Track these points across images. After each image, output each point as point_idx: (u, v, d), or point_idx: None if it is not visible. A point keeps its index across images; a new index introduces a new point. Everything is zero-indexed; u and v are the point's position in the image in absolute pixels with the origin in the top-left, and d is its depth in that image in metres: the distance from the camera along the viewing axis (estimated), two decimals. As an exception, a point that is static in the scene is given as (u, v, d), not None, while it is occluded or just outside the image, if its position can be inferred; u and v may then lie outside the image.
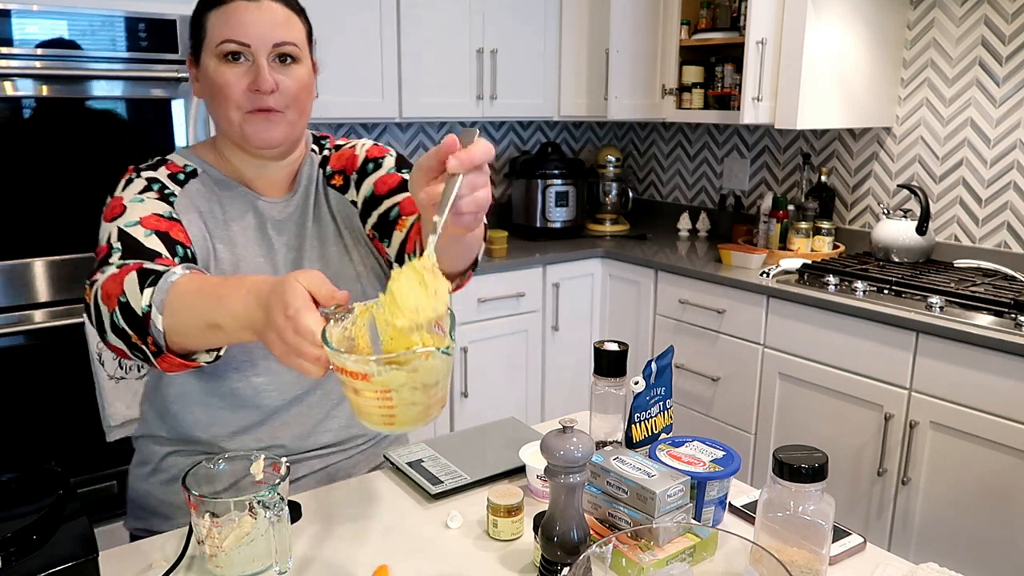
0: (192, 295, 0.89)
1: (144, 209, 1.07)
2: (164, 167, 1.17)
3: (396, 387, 0.69)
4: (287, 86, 1.10)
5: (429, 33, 2.82)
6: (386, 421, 0.73)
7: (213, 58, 1.09)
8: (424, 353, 0.68)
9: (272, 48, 1.08)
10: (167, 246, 1.04)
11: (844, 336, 2.26)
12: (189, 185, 1.16)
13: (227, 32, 1.07)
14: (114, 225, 1.05)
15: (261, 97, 1.08)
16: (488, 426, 1.45)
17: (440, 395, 0.74)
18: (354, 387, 0.71)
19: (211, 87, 1.10)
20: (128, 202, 1.08)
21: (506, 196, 3.57)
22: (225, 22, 1.07)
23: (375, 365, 0.68)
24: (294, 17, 1.12)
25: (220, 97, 1.09)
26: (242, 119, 1.10)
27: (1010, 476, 1.94)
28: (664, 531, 0.91)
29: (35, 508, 0.89)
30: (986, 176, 2.53)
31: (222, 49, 1.07)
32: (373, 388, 0.70)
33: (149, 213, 1.07)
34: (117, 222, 1.06)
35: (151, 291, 0.91)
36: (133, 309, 0.91)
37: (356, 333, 0.77)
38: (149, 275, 0.93)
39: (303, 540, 1.09)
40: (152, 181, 1.13)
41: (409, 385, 0.69)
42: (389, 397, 0.70)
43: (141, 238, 1.03)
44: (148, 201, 1.08)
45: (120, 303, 0.93)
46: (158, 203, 1.09)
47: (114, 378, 2.14)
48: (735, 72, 2.91)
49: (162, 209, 1.09)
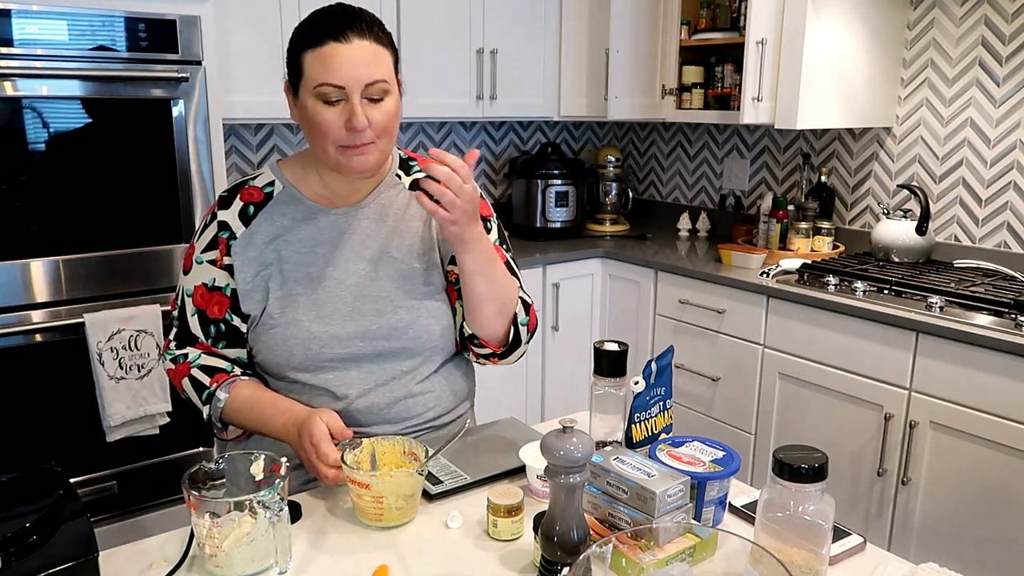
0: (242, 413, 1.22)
1: (198, 276, 1.26)
2: (241, 195, 1.28)
3: (386, 495, 1.06)
4: (377, 120, 1.18)
5: (429, 33, 2.82)
6: (376, 518, 1.09)
7: (311, 97, 1.17)
8: (404, 474, 1.08)
9: (364, 88, 1.16)
10: (203, 327, 1.26)
11: (844, 336, 2.26)
12: (259, 217, 1.26)
13: (323, 76, 1.14)
14: (181, 283, 1.28)
15: (355, 135, 1.16)
16: (488, 426, 1.45)
17: (415, 502, 1.12)
18: (357, 492, 1.08)
19: (309, 122, 1.19)
20: (195, 260, 1.26)
21: (506, 196, 3.57)
22: (321, 64, 1.14)
23: (374, 479, 1.06)
24: (382, 50, 1.19)
25: (318, 133, 1.18)
26: (337, 151, 1.19)
27: (1010, 476, 1.94)
28: (664, 531, 0.91)
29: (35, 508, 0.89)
30: (986, 176, 2.53)
31: (319, 92, 1.15)
32: (371, 494, 1.06)
33: (200, 284, 1.26)
34: (184, 282, 1.27)
35: (208, 408, 1.24)
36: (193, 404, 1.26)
37: (361, 458, 1.14)
38: (202, 389, 1.24)
39: (303, 540, 1.09)
40: (222, 228, 1.26)
41: (395, 494, 1.07)
42: (380, 502, 1.07)
43: (188, 317, 1.26)
44: (204, 266, 1.25)
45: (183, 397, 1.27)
46: (209, 269, 1.25)
47: (114, 378, 2.14)
48: (735, 72, 2.91)
49: (209, 277, 1.25)
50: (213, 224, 1.26)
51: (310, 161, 1.29)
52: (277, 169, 1.30)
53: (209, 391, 1.23)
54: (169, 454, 2.28)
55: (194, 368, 1.25)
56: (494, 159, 3.52)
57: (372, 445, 1.15)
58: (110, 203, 2.10)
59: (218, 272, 1.24)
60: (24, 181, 1.97)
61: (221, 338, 1.27)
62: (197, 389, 1.24)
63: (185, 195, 2.19)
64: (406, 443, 1.15)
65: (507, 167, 3.51)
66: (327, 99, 1.15)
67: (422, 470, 1.09)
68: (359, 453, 1.14)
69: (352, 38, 1.14)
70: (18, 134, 1.94)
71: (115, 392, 2.13)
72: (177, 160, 2.16)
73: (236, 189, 1.28)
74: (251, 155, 2.89)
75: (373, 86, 1.16)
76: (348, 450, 1.11)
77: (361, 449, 1.14)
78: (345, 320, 1.26)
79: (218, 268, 1.24)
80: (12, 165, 1.94)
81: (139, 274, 2.16)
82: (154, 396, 2.18)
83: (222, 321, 1.26)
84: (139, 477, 2.25)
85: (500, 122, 3.49)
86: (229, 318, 1.26)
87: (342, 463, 1.07)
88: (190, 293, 1.25)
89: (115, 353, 2.10)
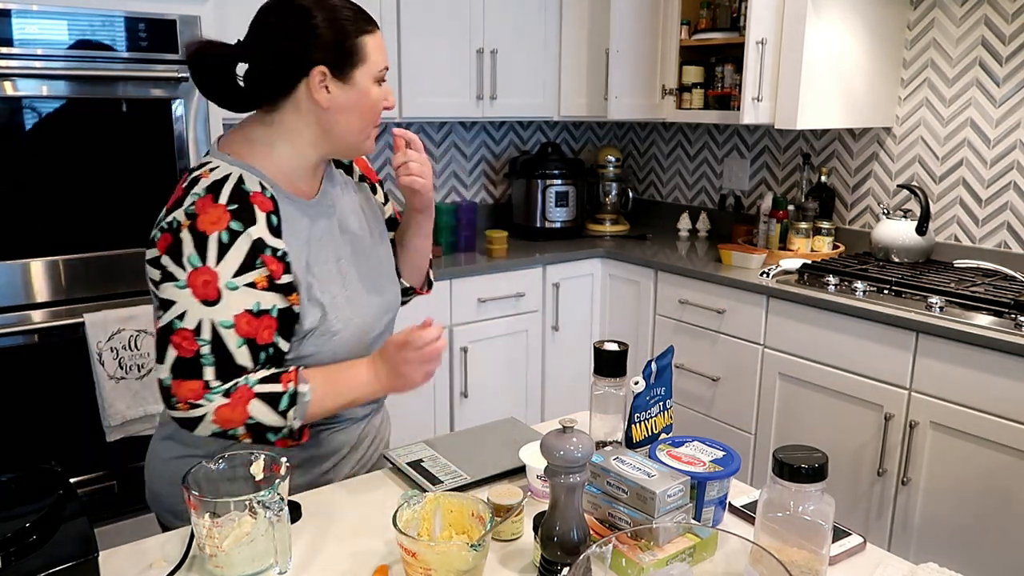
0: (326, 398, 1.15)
1: (237, 303, 1.10)
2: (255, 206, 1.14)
3: (436, 567, 0.90)
4: None
5: (429, 33, 2.82)
6: None
7: (370, 79, 1.19)
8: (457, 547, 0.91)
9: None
10: (253, 355, 1.12)
11: (844, 336, 2.26)
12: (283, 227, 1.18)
13: (382, 59, 1.20)
14: (206, 315, 1.08)
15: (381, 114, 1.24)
16: (488, 426, 1.45)
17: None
18: (406, 560, 0.92)
19: (361, 104, 1.19)
20: (226, 286, 1.09)
21: (506, 196, 3.57)
22: (378, 48, 1.19)
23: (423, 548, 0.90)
24: None
25: (369, 114, 1.20)
26: (367, 133, 1.23)
27: (1010, 476, 1.94)
28: (664, 531, 0.91)
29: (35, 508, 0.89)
30: (986, 176, 2.53)
31: (381, 74, 1.20)
32: (419, 564, 0.91)
33: (241, 311, 1.10)
34: (210, 313, 1.08)
35: (293, 412, 1.12)
36: (265, 426, 1.11)
37: (423, 516, 0.99)
38: (277, 399, 1.11)
39: (303, 540, 1.09)
40: (259, 246, 1.12)
41: (445, 568, 0.90)
42: (430, 572, 0.90)
43: (233, 350, 1.10)
44: (242, 291, 1.10)
45: (248, 424, 1.10)
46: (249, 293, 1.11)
47: (114, 378, 2.14)
48: (735, 72, 2.91)
49: (253, 302, 1.11)
50: (243, 244, 1.11)
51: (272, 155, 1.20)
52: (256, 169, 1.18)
53: (289, 393, 1.11)
54: (169, 454, 2.28)
55: (256, 387, 1.11)
56: (494, 159, 3.52)
57: (437, 501, 1.00)
58: (110, 203, 2.10)
59: (262, 295, 1.12)
60: (24, 181, 1.97)
61: (269, 362, 1.15)
62: (272, 402, 1.10)
63: (185, 195, 2.19)
64: (474, 504, 0.98)
65: (507, 167, 3.51)
66: (381, 81, 1.21)
67: (480, 543, 0.92)
68: (419, 509, 0.98)
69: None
70: (18, 134, 1.94)
71: (115, 392, 2.13)
72: (177, 160, 2.16)
73: (244, 199, 1.13)
74: (251, 155, 2.89)
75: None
76: (407, 506, 0.97)
77: (423, 505, 0.99)
78: (370, 303, 1.30)
79: (259, 290, 1.12)
80: (12, 165, 1.94)
81: (139, 274, 2.16)
82: (154, 396, 2.18)
83: (272, 345, 1.14)
84: (139, 477, 2.24)
85: (500, 122, 3.49)
86: (276, 340, 1.15)
87: (393, 524, 0.92)
88: (229, 324, 1.09)
89: (115, 353, 2.10)
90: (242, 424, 1.10)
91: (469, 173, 3.45)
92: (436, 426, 2.81)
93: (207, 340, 1.09)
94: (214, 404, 1.09)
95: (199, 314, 1.08)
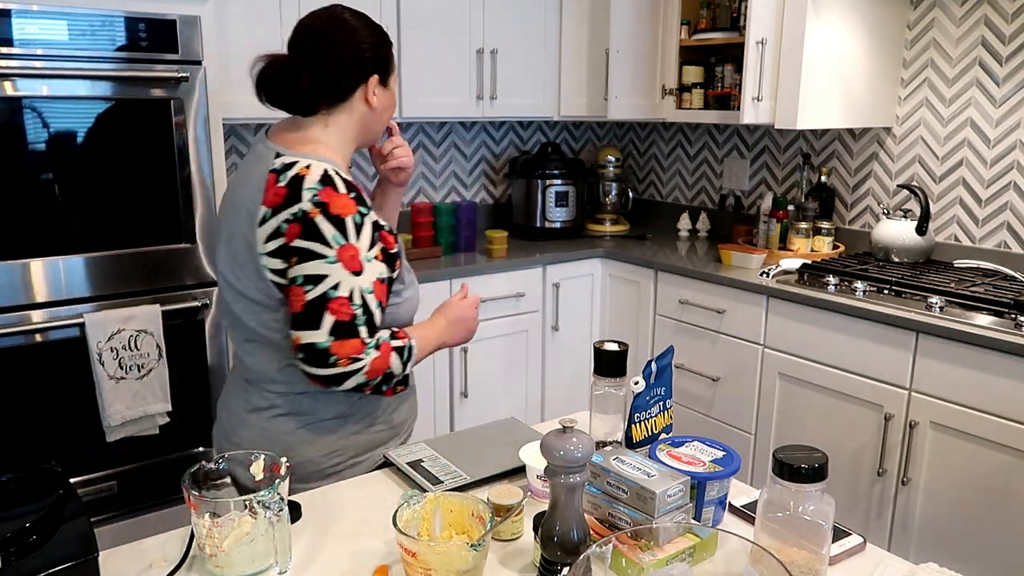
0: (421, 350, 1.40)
1: (373, 272, 1.31)
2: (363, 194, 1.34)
3: (436, 567, 0.91)
4: None
5: (429, 33, 2.82)
6: None
7: (395, 83, 1.45)
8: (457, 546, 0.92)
9: None
10: (382, 316, 1.34)
11: (844, 336, 2.26)
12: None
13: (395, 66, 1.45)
14: (356, 284, 1.29)
15: None
16: (488, 426, 1.45)
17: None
18: (406, 560, 0.93)
19: (391, 104, 1.45)
20: (364, 260, 1.30)
21: (506, 196, 3.57)
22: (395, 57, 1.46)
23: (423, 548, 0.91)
24: None
25: (388, 111, 1.45)
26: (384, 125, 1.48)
27: (1010, 476, 1.94)
28: (664, 531, 0.91)
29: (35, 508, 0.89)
30: (986, 176, 2.53)
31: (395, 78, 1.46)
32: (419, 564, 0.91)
33: (375, 278, 1.32)
34: (359, 281, 1.29)
35: (411, 362, 1.37)
36: (393, 375, 1.33)
37: (423, 514, 1.00)
38: (402, 351, 1.34)
39: (303, 540, 1.09)
40: (377, 225, 1.34)
41: (445, 568, 0.91)
42: (430, 572, 0.91)
43: (374, 310, 1.31)
44: (374, 263, 1.32)
45: (385, 374, 1.32)
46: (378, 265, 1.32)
47: (114, 378, 2.14)
48: (735, 72, 2.91)
49: (379, 272, 1.33)
50: (368, 225, 1.31)
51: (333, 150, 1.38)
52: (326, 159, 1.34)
53: (407, 345, 1.35)
54: (169, 454, 2.28)
55: (391, 342, 1.33)
56: (494, 159, 3.52)
57: (437, 501, 1.01)
58: (110, 203, 2.10)
59: (381, 266, 1.33)
60: (24, 181, 1.97)
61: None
62: (400, 354, 1.33)
63: (185, 195, 2.19)
64: (474, 504, 0.99)
65: (507, 167, 3.51)
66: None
67: (480, 543, 0.92)
68: (419, 509, 0.99)
69: None
70: (18, 134, 1.94)
71: (115, 392, 2.13)
72: (177, 160, 2.16)
73: (353, 187, 1.32)
74: (251, 155, 2.89)
75: None
76: (407, 506, 0.98)
77: (423, 504, 1.00)
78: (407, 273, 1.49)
79: (379, 262, 1.32)
80: (12, 165, 1.94)
81: (139, 274, 2.16)
82: (154, 396, 2.18)
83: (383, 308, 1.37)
84: (139, 477, 2.25)
85: (500, 122, 3.49)
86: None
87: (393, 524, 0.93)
88: (370, 291, 1.30)
89: (115, 353, 2.10)
90: (382, 373, 1.31)
91: (469, 173, 3.45)
92: (436, 426, 2.81)
93: (359, 304, 1.28)
94: (371, 357, 1.29)
95: (351, 283, 1.28)
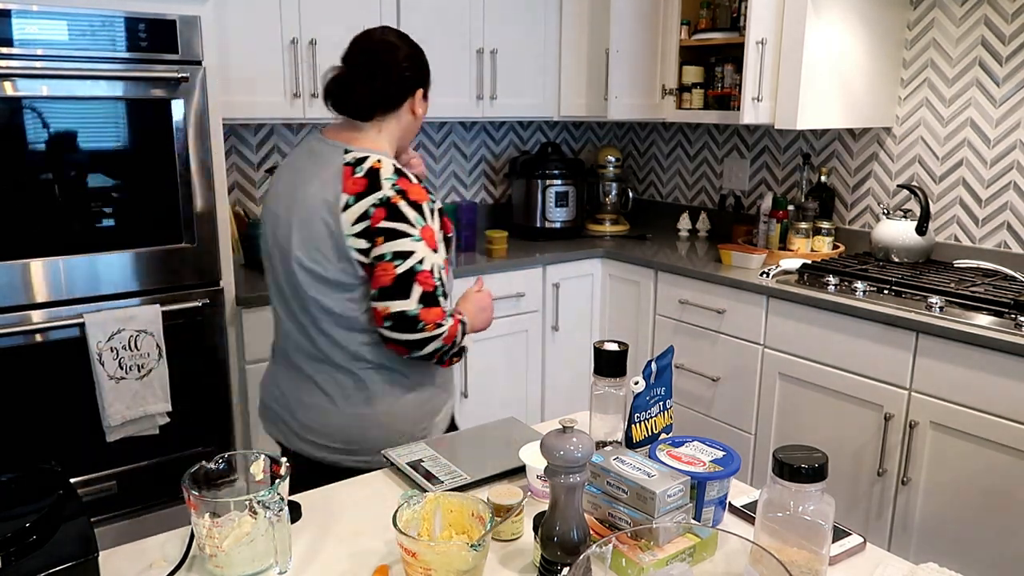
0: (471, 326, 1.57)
1: (443, 251, 1.50)
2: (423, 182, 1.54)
3: (436, 567, 0.91)
4: None
5: (429, 33, 2.82)
6: None
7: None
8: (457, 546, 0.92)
9: None
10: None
11: (844, 336, 2.26)
12: None
13: None
14: (437, 260, 1.47)
15: None
16: (488, 426, 1.45)
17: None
18: (406, 560, 0.93)
19: (425, 113, 1.64)
20: (438, 240, 1.49)
21: (506, 196, 3.57)
22: None
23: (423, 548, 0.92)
24: None
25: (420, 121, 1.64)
26: None
27: (1010, 476, 1.94)
28: (664, 531, 0.91)
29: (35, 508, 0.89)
30: (986, 176, 2.53)
31: None
32: (419, 564, 0.92)
33: (444, 257, 1.50)
34: (437, 258, 1.47)
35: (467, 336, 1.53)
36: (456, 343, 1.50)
37: (423, 514, 1.00)
38: (463, 325, 1.51)
39: (303, 540, 1.09)
40: (440, 212, 1.52)
41: (445, 568, 0.91)
42: (430, 572, 0.91)
43: (446, 282, 1.49)
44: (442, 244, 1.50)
45: (453, 342, 1.49)
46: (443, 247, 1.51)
47: (114, 378, 2.14)
48: (735, 72, 2.91)
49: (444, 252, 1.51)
50: (435, 211, 1.50)
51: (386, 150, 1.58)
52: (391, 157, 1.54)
53: (465, 320, 1.52)
54: (169, 454, 2.28)
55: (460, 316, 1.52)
56: (494, 159, 3.52)
57: (437, 501, 1.01)
58: (110, 203, 2.10)
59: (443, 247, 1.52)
60: (24, 181, 1.97)
61: None
62: (463, 327, 1.51)
63: (185, 195, 2.19)
64: (474, 504, 0.99)
65: (507, 167, 3.51)
66: None
67: (480, 543, 0.92)
68: (419, 509, 0.99)
69: None
70: (18, 134, 1.94)
71: (115, 392, 2.13)
72: (177, 160, 2.16)
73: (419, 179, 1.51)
74: (251, 155, 2.89)
75: None
76: (407, 506, 0.98)
77: (423, 504, 1.00)
78: None
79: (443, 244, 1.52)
80: (12, 165, 1.94)
81: (139, 274, 2.16)
82: (154, 396, 2.18)
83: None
84: (139, 477, 2.25)
85: (500, 122, 3.49)
86: None
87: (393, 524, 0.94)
88: (442, 266, 1.49)
89: (115, 353, 2.10)
90: (452, 341, 1.47)
91: (469, 173, 3.45)
92: (436, 426, 2.81)
93: (439, 278, 1.46)
94: (449, 324, 1.46)
95: (432, 259, 1.45)
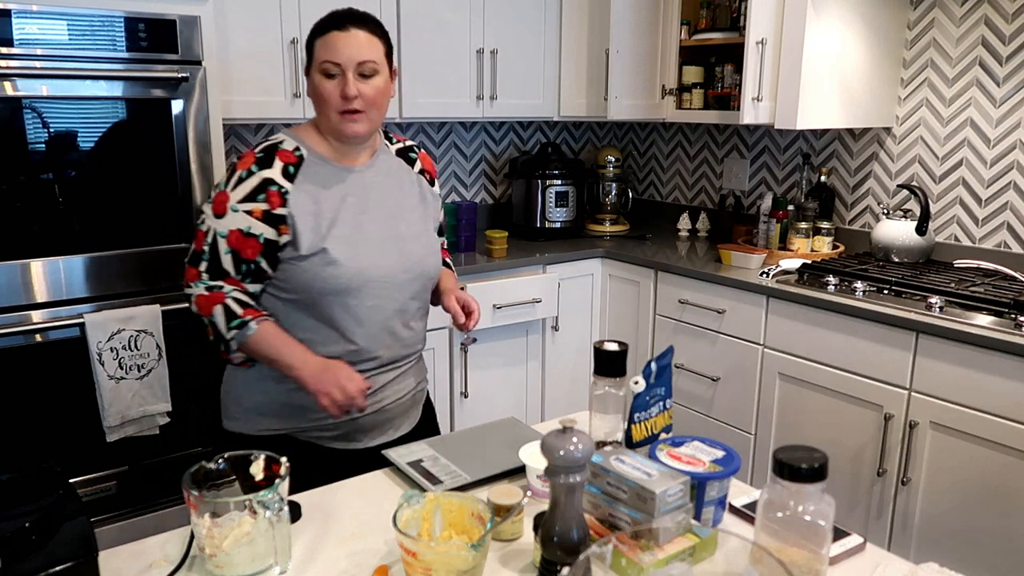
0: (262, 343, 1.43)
1: (233, 222, 1.42)
2: (278, 156, 1.46)
3: (436, 567, 0.92)
4: (367, 93, 1.46)
5: (429, 33, 2.82)
6: None
7: (317, 74, 1.46)
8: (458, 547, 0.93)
9: (356, 66, 1.44)
10: (235, 265, 1.44)
11: (844, 336, 2.26)
12: (299, 176, 1.47)
13: (325, 55, 1.44)
14: (213, 226, 1.43)
15: (348, 102, 1.44)
16: (488, 426, 1.45)
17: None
18: (406, 560, 0.93)
19: (316, 93, 1.48)
20: (230, 207, 1.42)
21: (506, 196, 3.57)
22: (324, 47, 1.45)
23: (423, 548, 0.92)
24: (374, 39, 1.47)
25: (321, 101, 1.47)
26: (337, 118, 1.46)
27: (1010, 476, 1.94)
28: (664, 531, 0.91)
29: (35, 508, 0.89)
30: (986, 176, 2.53)
31: (323, 68, 1.45)
32: (419, 564, 0.92)
33: (235, 229, 1.42)
34: (217, 224, 1.43)
35: (236, 333, 1.42)
36: (218, 329, 1.42)
37: (423, 516, 1.00)
38: (232, 318, 1.42)
39: (303, 540, 1.09)
40: (268, 183, 1.43)
41: (445, 568, 0.91)
42: (430, 572, 0.92)
43: (221, 255, 1.43)
44: (240, 215, 1.42)
45: (208, 321, 1.43)
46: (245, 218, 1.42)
47: (114, 378, 2.14)
48: (735, 72, 2.91)
49: (245, 224, 1.42)
50: (254, 180, 1.43)
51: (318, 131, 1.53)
52: (297, 136, 1.51)
53: (243, 320, 1.42)
54: (169, 454, 2.28)
55: (229, 298, 1.43)
56: (494, 159, 3.52)
57: (437, 501, 1.01)
58: (110, 203, 2.10)
59: (254, 222, 1.42)
60: (24, 181, 1.97)
61: (249, 275, 1.46)
62: (228, 317, 1.42)
63: (185, 195, 2.19)
64: (474, 504, 0.99)
65: (507, 167, 3.51)
66: (328, 73, 1.45)
67: (480, 543, 0.93)
68: (419, 509, 0.99)
69: (350, 28, 1.44)
70: (18, 134, 1.94)
71: (115, 392, 2.13)
72: (177, 160, 2.16)
73: (271, 151, 1.46)
74: (251, 155, 2.89)
75: (364, 64, 1.44)
76: (407, 506, 0.98)
77: (423, 504, 1.00)
78: (382, 254, 1.50)
79: (255, 218, 1.42)
80: (12, 165, 1.94)
81: (139, 274, 2.16)
82: (154, 396, 2.18)
83: (253, 262, 1.45)
84: (139, 477, 2.25)
85: (500, 122, 3.49)
86: (259, 260, 1.45)
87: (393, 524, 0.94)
88: (224, 235, 1.42)
89: (115, 353, 2.10)
90: (207, 316, 1.43)
91: (469, 173, 3.45)
92: (436, 426, 2.81)
93: (209, 242, 1.43)
94: (197, 291, 1.44)
95: (210, 223, 1.43)
